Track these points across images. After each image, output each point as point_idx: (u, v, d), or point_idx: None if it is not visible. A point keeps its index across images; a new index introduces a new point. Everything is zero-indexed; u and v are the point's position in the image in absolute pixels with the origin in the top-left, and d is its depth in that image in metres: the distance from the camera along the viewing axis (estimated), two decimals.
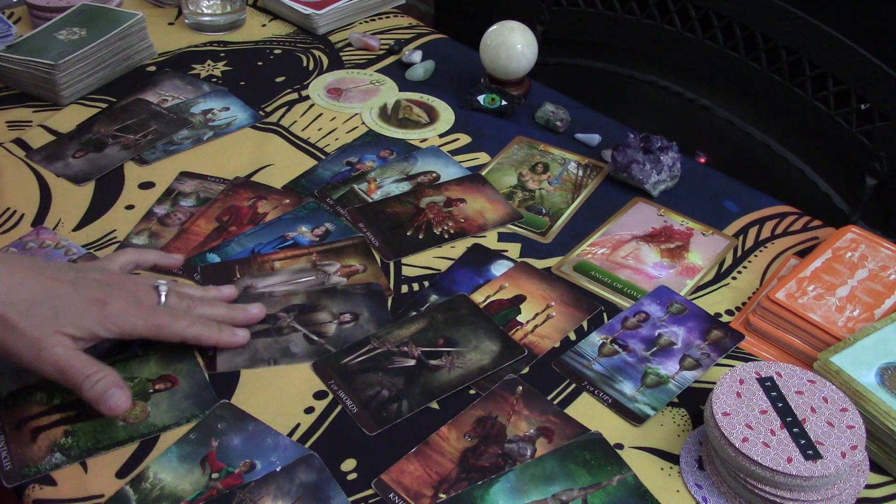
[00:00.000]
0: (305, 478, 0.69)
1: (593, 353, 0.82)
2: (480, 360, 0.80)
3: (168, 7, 1.38)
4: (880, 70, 1.22)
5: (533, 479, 0.70)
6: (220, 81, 1.20)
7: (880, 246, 0.89)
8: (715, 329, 0.85)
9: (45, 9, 1.25)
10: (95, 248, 0.91)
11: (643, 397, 0.77)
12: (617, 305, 0.88)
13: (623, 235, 0.96)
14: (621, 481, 0.70)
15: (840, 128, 1.29)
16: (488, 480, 0.70)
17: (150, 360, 0.78)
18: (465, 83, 1.21)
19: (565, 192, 1.03)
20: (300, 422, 0.74)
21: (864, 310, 0.83)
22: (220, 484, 0.69)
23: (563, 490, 0.69)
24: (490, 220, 0.98)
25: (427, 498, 0.68)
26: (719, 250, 0.95)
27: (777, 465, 0.64)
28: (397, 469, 0.71)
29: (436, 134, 1.12)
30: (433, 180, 1.04)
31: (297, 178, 1.03)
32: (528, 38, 1.15)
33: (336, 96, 1.19)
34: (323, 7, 1.33)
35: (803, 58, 1.31)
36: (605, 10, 1.57)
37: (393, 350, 0.81)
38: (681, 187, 1.04)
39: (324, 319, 0.84)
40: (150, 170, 1.03)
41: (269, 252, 0.91)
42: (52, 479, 0.69)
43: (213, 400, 0.75)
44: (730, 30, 1.40)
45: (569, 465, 0.71)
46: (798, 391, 0.70)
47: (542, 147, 1.10)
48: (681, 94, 1.52)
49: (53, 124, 1.10)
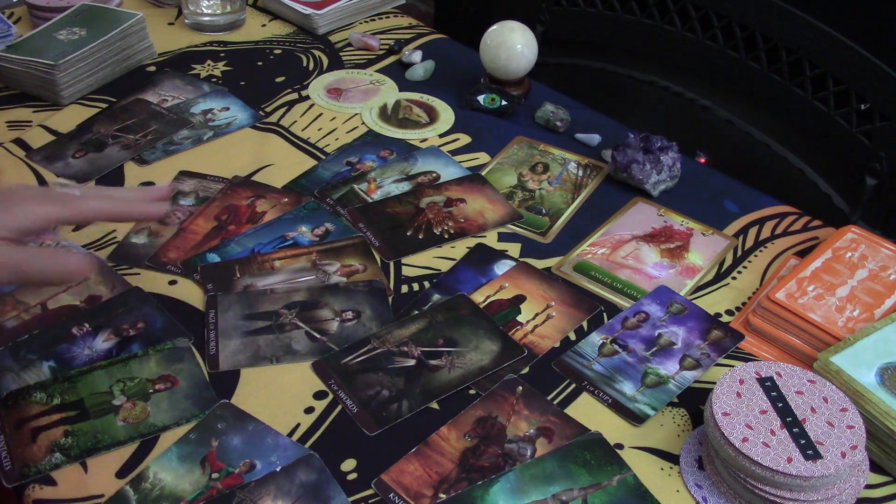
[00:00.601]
0: (305, 478, 0.69)
1: (593, 353, 0.82)
2: (480, 360, 0.80)
3: (168, 7, 1.38)
4: (880, 70, 1.22)
5: (533, 479, 0.70)
6: (220, 81, 1.20)
7: (880, 246, 0.89)
8: (715, 329, 0.85)
9: (45, 9, 1.25)
10: (95, 248, 0.91)
11: (643, 397, 0.77)
12: (617, 305, 0.88)
13: (623, 235, 0.96)
14: (621, 481, 0.70)
15: (840, 128, 1.29)
16: (488, 480, 0.70)
17: (150, 360, 0.78)
18: (465, 83, 1.21)
19: (565, 192, 1.03)
20: (300, 422, 0.74)
21: (864, 310, 0.83)
22: (220, 484, 0.69)
23: (563, 490, 0.69)
24: (490, 220, 0.98)
25: (427, 498, 0.68)
26: (719, 250, 0.95)
27: (777, 465, 0.64)
28: (397, 469, 0.71)
29: (436, 134, 1.12)
30: (433, 180, 1.03)
31: (297, 178, 1.03)
32: (528, 38, 1.15)
33: (336, 96, 1.19)
34: (323, 7, 1.33)
35: (803, 58, 1.31)
36: (605, 10, 1.57)
37: (393, 350, 0.81)
38: (681, 187, 1.04)
39: (326, 317, 0.84)
40: (150, 170, 1.03)
41: (268, 252, 0.91)
42: (52, 479, 0.69)
43: (213, 400, 0.75)
44: (730, 30, 1.40)
45: (569, 465, 0.71)
46: (798, 391, 0.70)
47: (542, 147, 1.10)
48: (681, 94, 1.52)
49: (53, 124, 1.10)
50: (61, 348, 0.79)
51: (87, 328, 0.81)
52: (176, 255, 0.91)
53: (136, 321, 0.82)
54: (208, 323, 0.83)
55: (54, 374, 0.77)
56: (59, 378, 0.76)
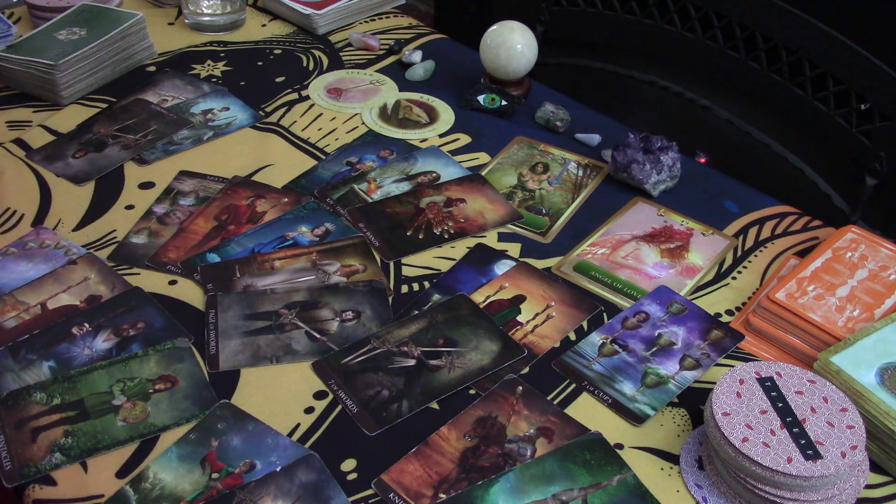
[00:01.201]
0: (305, 478, 0.69)
1: (593, 353, 0.82)
2: (480, 360, 0.80)
3: (168, 7, 1.38)
4: (880, 70, 1.22)
5: (533, 479, 0.70)
6: (220, 81, 1.20)
7: (880, 246, 0.89)
8: (715, 329, 0.85)
9: (45, 9, 1.25)
10: (95, 248, 0.91)
11: (643, 397, 0.77)
12: (617, 305, 0.88)
13: (623, 235, 0.96)
14: (621, 481, 0.70)
15: (840, 128, 1.29)
16: (488, 480, 0.70)
17: (150, 360, 0.78)
18: (465, 83, 1.21)
19: (565, 192, 1.03)
20: (300, 422, 0.74)
21: (864, 310, 0.83)
22: (220, 484, 0.69)
23: (563, 490, 0.69)
24: (490, 220, 0.98)
25: (427, 498, 0.68)
26: (719, 250, 0.95)
27: (777, 465, 0.64)
28: (397, 469, 0.71)
29: (436, 134, 1.12)
30: (433, 180, 1.03)
31: (297, 178, 1.03)
32: (528, 38, 1.15)
33: (336, 96, 1.19)
34: (323, 7, 1.33)
35: (803, 58, 1.31)
36: (605, 10, 1.57)
37: (393, 350, 0.81)
38: (681, 187, 1.04)
39: (326, 317, 0.84)
40: (150, 170, 1.03)
41: (268, 251, 0.91)
42: (52, 479, 0.69)
43: (213, 400, 0.75)
44: (730, 30, 1.40)
45: (569, 465, 0.71)
46: (798, 391, 0.70)
47: (542, 147, 1.10)
48: (681, 94, 1.52)
49: (53, 124, 1.10)
50: (61, 348, 0.79)
51: (87, 328, 0.81)
52: (176, 255, 0.91)
53: (136, 321, 0.82)
54: (208, 323, 0.83)
55: (54, 374, 0.77)
56: (59, 378, 0.76)
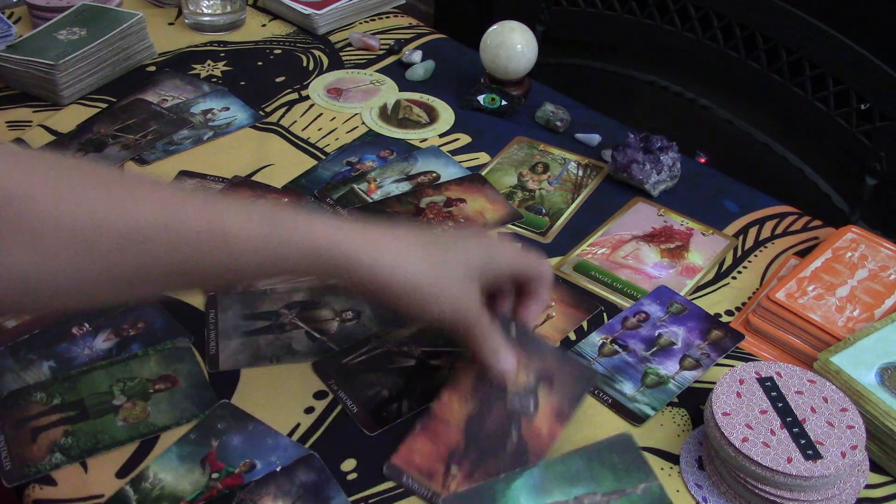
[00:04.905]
0: (305, 478, 0.69)
1: (593, 353, 0.82)
2: None
3: (168, 7, 1.38)
4: (880, 70, 1.22)
5: (557, 477, 0.68)
6: (220, 81, 1.20)
7: (880, 246, 0.89)
8: (715, 329, 0.85)
9: (45, 9, 1.25)
10: None
11: (643, 397, 0.77)
12: (617, 305, 0.88)
13: (623, 235, 0.96)
14: (646, 490, 0.68)
15: (840, 128, 1.29)
16: (511, 474, 0.68)
17: (150, 360, 0.78)
18: (465, 83, 1.21)
19: (565, 192, 1.03)
20: (300, 422, 0.74)
21: (864, 310, 0.83)
22: (220, 484, 0.69)
23: (585, 493, 0.67)
24: (490, 220, 0.98)
25: (440, 473, 0.68)
26: (719, 250, 0.95)
27: (777, 465, 0.64)
28: (406, 449, 0.70)
29: (436, 134, 1.12)
30: (433, 180, 1.03)
31: (297, 178, 1.03)
32: (528, 38, 1.15)
33: (336, 96, 1.19)
34: (323, 7, 1.33)
35: (803, 58, 1.31)
36: (605, 10, 1.57)
37: (393, 350, 0.81)
38: (681, 187, 1.04)
39: (326, 317, 0.84)
40: (151, 170, 1.03)
41: None
42: (52, 478, 0.69)
43: (213, 400, 0.75)
44: (730, 30, 1.40)
45: (595, 466, 0.68)
46: (798, 391, 0.70)
47: (542, 147, 1.10)
48: (681, 94, 1.52)
49: (53, 124, 1.09)
50: (61, 348, 0.79)
51: (87, 328, 0.81)
52: None
53: (136, 321, 0.82)
54: (208, 323, 0.83)
55: (54, 374, 0.77)
56: (59, 378, 0.76)
